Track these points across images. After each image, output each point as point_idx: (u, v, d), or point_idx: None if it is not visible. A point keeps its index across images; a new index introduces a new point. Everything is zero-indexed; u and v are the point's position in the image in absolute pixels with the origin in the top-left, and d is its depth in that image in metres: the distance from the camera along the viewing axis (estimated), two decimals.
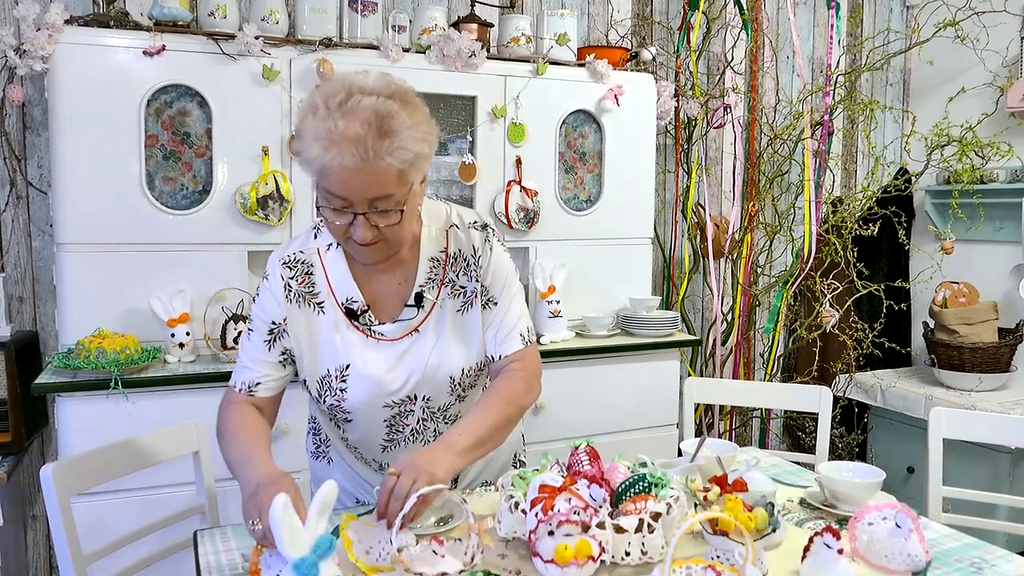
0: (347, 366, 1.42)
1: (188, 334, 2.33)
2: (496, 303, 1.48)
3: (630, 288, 3.00)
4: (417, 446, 1.50)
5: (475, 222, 1.49)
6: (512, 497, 1.33)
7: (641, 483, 1.31)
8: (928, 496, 2.02)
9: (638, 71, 3.04)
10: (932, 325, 3.41)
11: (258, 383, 1.44)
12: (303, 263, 1.43)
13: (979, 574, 1.30)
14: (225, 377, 2.23)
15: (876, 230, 3.30)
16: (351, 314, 1.42)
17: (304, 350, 1.44)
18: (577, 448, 1.46)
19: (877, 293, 3.36)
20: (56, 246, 2.32)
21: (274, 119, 2.46)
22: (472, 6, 2.84)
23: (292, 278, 1.42)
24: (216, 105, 2.39)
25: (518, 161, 2.78)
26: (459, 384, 1.48)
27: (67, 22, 2.23)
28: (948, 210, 3.37)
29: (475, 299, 1.47)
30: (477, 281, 1.46)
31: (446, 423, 1.51)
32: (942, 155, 3.39)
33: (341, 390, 1.42)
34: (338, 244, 1.42)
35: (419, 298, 1.43)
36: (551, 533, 1.18)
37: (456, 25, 2.72)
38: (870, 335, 3.37)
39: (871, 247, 3.64)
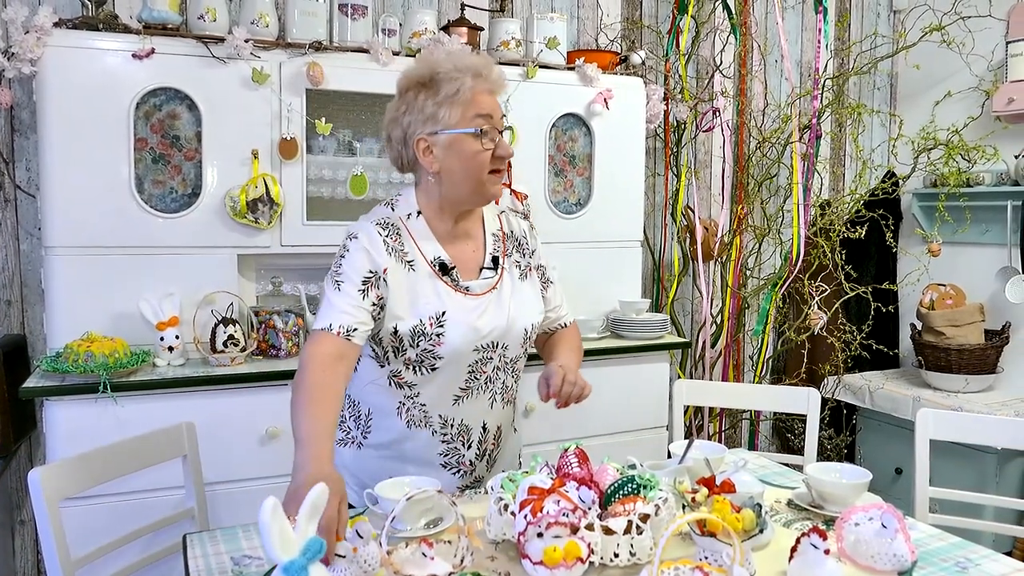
0: (443, 313, 1.54)
1: (177, 337, 2.33)
2: (552, 283, 1.78)
3: (620, 291, 3.01)
4: (484, 397, 1.63)
5: (516, 212, 1.81)
6: (501, 499, 1.34)
7: (630, 485, 1.32)
8: (915, 497, 2.04)
9: (627, 75, 3.05)
10: (919, 327, 3.43)
11: (355, 328, 1.48)
12: (392, 225, 1.58)
13: (964, 574, 1.32)
14: (215, 381, 2.24)
15: (864, 233, 3.32)
16: (443, 268, 1.58)
17: (399, 301, 1.54)
18: (566, 450, 1.47)
19: (865, 295, 3.38)
20: (44, 249, 2.31)
21: (264, 122, 2.46)
22: (462, 10, 2.85)
23: (387, 236, 1.56)
24: (206, 108, 2.38)
25: (508, 164, 2.78)
26: (529, 337, 1.67)
27: (56, 25, 2.23)
28: (935, 213, 3.39)
29: (530, 272, 1.71)
30: (529, 258, 1.72)
31: (512, 375, 1.68)
32: (929, 158, 3.42)
33: (438, 335, 1.54)
34: (418, 213, 1.60)
35: (494, 261, 1.65)
36: (540, 535, 1.19)
37: (446, 29, 2.73)
38: (858, 337, 3.39)
39: (859, 250, 3.66)
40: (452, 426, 1.62)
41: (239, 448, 2.27)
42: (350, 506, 1.56)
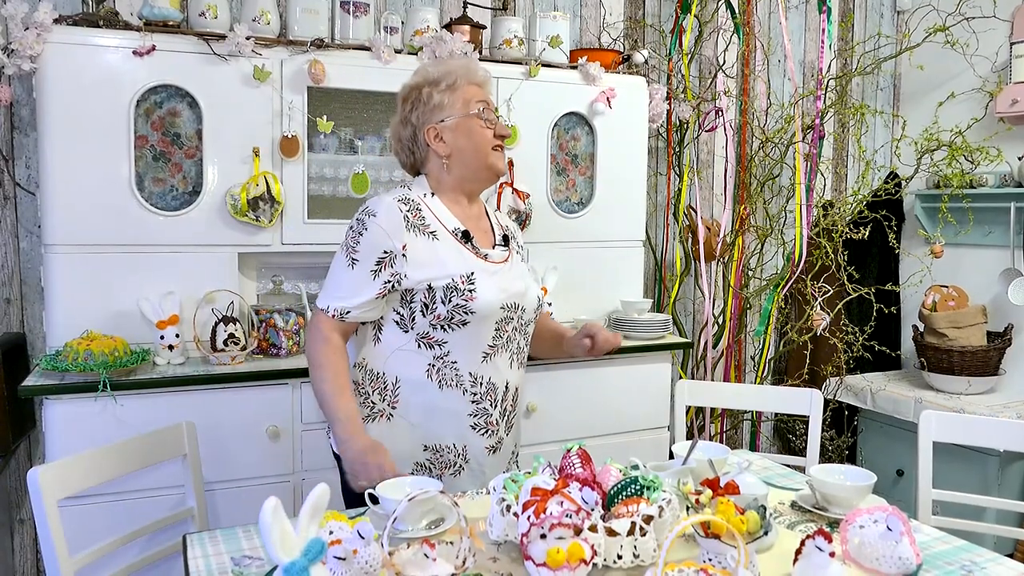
0: (472, 273, 1.67)
1: (177, 336, 2.32)
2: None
3: (622, 291, 3.00)
4: (506, 355, 1.75)
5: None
6: (504, 500, 1.33)
7: (633, 486, 1.31)
8: (918, 499, 2.03)
9: (630, 74, 3.04)
10: (921, 328, 3.42)
11: (348, 311, 1.66)
12: (413, 201, 1.71)
13: None
14: (215, 379, 2.24)
15: (866, 234, 3.31)
16: (466, 236, 1.72)
17: (425, 266, 1.65)
18: (569, 451, 1.46)
19: (867, 296, 3.37)
20: (44, 247, 2.30)
21: (265, 120, 2.45)
22: (464, 8, 2.84)
23: (408, 211, 1.68)
24: (206, 106, 2.37)
25: (510, 163, 2.78)
26: (540, 305, 1.85)
27: (56, 21, 2.22)
28: (938, 214, 3.39)
29: (523, 260, 1.89)
30: (522, 250, 1.91)
31: (524, 337, 1.81)
32: (932, 159, 3.41)
33: (470, 290, 1.65)
34: (432, 193, 1.75)
35: (505, 238, 1.83)
36: (543, 536, 1.18)
37: (448, 27, 2.72)
38: (860, 338, 3.38)
39: (861, 251, 3.66)
40: (481, 384, 1.71)
41: (239, 447, 2.26)
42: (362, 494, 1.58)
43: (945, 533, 1.50)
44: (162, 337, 2.30)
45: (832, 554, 1.16)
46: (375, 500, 1.44)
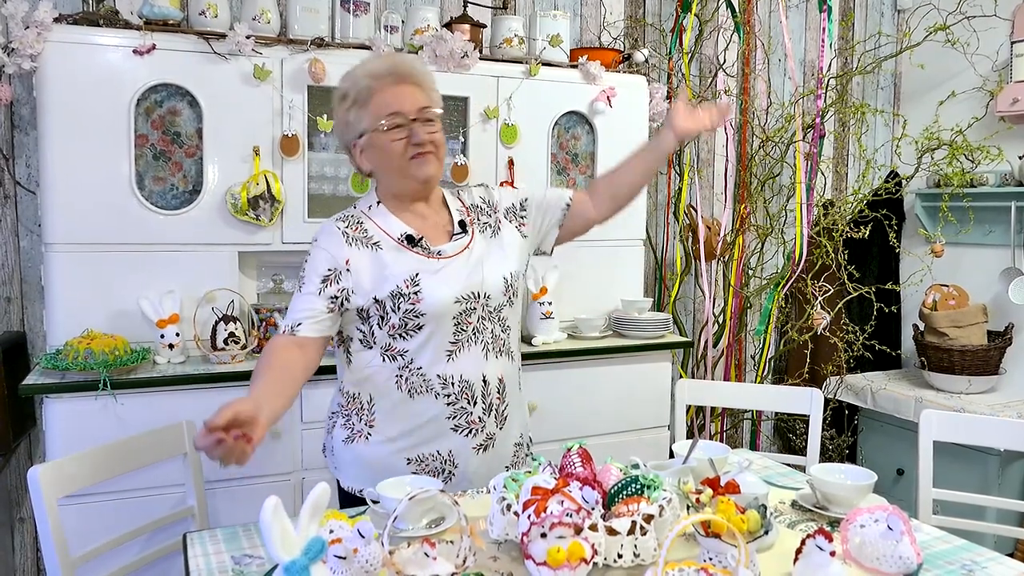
0: (416, 274, 1.63)
1: (178, 335, 2.32)
2: (527, 199, 1.85)
3: (622, 290, 3.00)
4: (477, 348, 1.68)
5: (471, 185, 1.93)
6: (504, 499, 1.33)
7: (633, 485, 1.31)
8: (918, 498, 2.03)
9: (630, 73, 3.04)
10: (922, 328, 3.42)
11: (300, 323, 1.62)
12: (353, 217, 1.70)
13: None
14: (215, 378, 2.24)
15: (867, 233, 3.31)
16: (411, 241, 1.67)
17: (370, 278, 1.63)
18: (569, 450, 1.46)
19: (868, 296, 3.37)
20: (44, 246, 2.30)
21: (265, 119, 2.45)
22: (465, 7, 2.84)
23: (347, 228, 1.67)
24: (207, 105, 2.37)
25: (510, 162, 2.78)
26: (511, 285, 1.74)
27: (56, 20, 2.22)
28: (938, 213, 3.39)
29: (500, 225, 1.79)
30: (496, 214, 1.81)
31: (499, 323, 1.72)
32: (932, 159, 3.41)
33: (415, 293, 1.62)
34: (379, 203, 1.71)
35: (462, 224, 1.74)
36: (543, 535, 1.18)
37: (448, 26, 2.72)
38: (861, 337, 3.38)
39: (862, 250, 3.65)
40: (453, 384, 1.65)
41: None
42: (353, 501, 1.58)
43: (945, 532, 1.50)
44: (162, 336, 2.30)
45: (833, 553, 1.16)
46: (375, 499, 1.44)
